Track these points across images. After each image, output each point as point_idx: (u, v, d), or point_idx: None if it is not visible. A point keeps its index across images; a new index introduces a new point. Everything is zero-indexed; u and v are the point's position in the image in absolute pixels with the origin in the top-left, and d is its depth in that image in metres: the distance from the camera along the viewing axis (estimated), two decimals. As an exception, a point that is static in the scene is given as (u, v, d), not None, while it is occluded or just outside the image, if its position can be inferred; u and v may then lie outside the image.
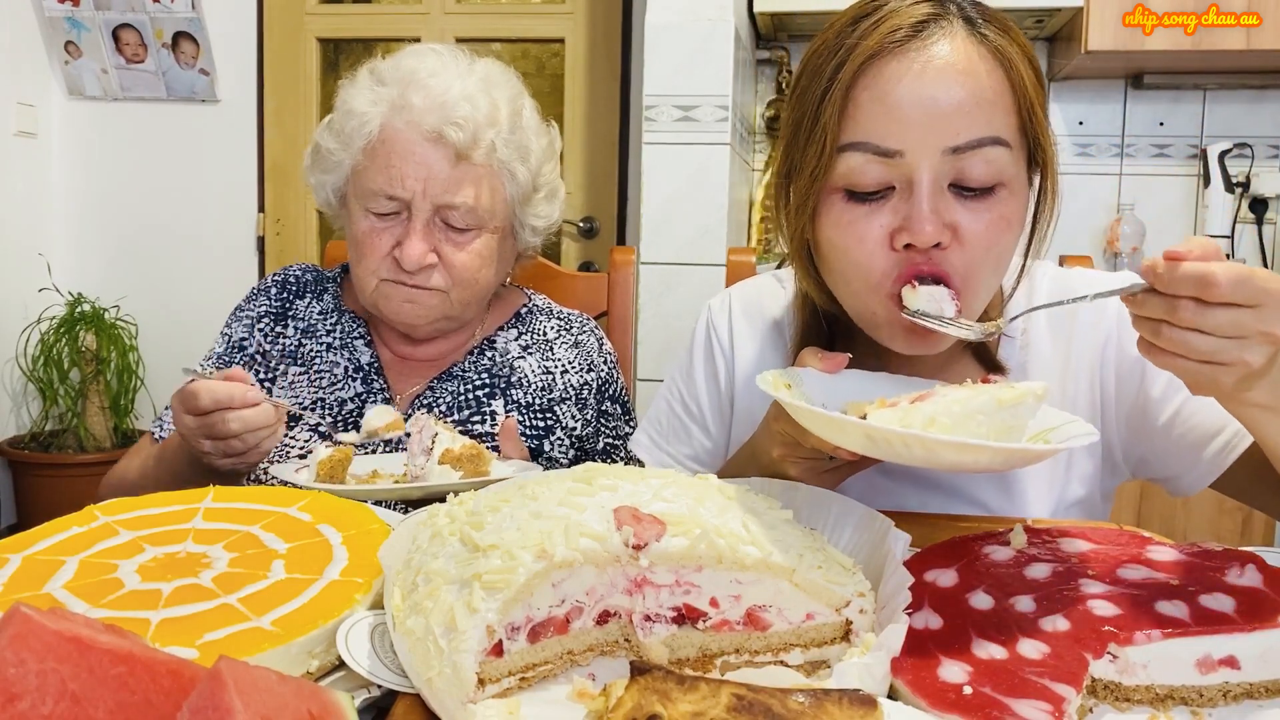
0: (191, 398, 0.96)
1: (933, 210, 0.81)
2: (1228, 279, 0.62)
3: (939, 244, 0.82)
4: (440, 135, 1.12)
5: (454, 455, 0.96)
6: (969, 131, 0.80)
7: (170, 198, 3.12)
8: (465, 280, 1.17)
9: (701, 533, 0.61)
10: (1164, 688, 0.57)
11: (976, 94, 0.81)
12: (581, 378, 1.26)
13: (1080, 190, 2.69)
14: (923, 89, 0.81)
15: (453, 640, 0.53)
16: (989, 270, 0.85)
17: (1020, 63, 0.84)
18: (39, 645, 0.42)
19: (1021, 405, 0.69)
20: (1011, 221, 0.84)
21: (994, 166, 0.81)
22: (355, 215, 1.18)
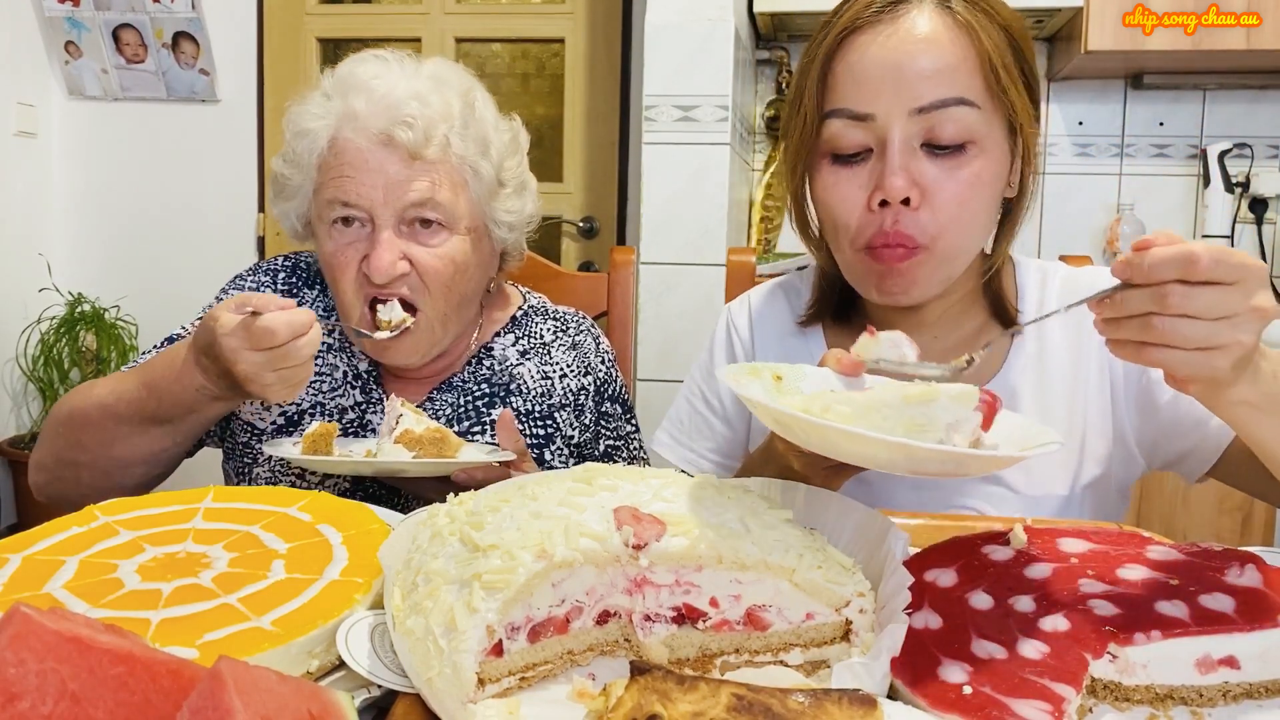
0: (267, 335, 0.90)
1: (902, 167, 0.89)
2: (1209, 255, 0.62)
3: (909, 201, 0.89)
4: (390, 137, 1.08)
5: (413, 437, 0.97)
6: (934, 93, 0.88)
7: (170, 198, 3.12)
8: (439, 288, 1.12)
9: (701, 533, 0.61)
10: (1164, 688, 0.57)
11: (939, 59, 0.89)
12: (579, 382, 1.25)
13: (1080, 190, 2.69)
14: (890, 56, 0.89)
15: (453, 640, 0.53)
16: (961, 230, 0.91)
17: (987, 31, 0.90)
18: (39, 645, 0.42)
19: (934, 403, 0.65)
20: (982, 179, 0.90)
21: (961, 125, 0.89)
22: (321, 237, 1.13)
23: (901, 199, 0.89)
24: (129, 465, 1.07)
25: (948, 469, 0.66)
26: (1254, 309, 0.64)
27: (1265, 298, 0.65)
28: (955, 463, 0.64)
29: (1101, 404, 0.99)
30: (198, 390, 0.98)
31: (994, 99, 0.90)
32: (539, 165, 1.26)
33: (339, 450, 1.04)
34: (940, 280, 0.94)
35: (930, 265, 0.92)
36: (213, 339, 0.92)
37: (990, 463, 0.67)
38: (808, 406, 0.67)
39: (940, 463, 0.64)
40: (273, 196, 1.20)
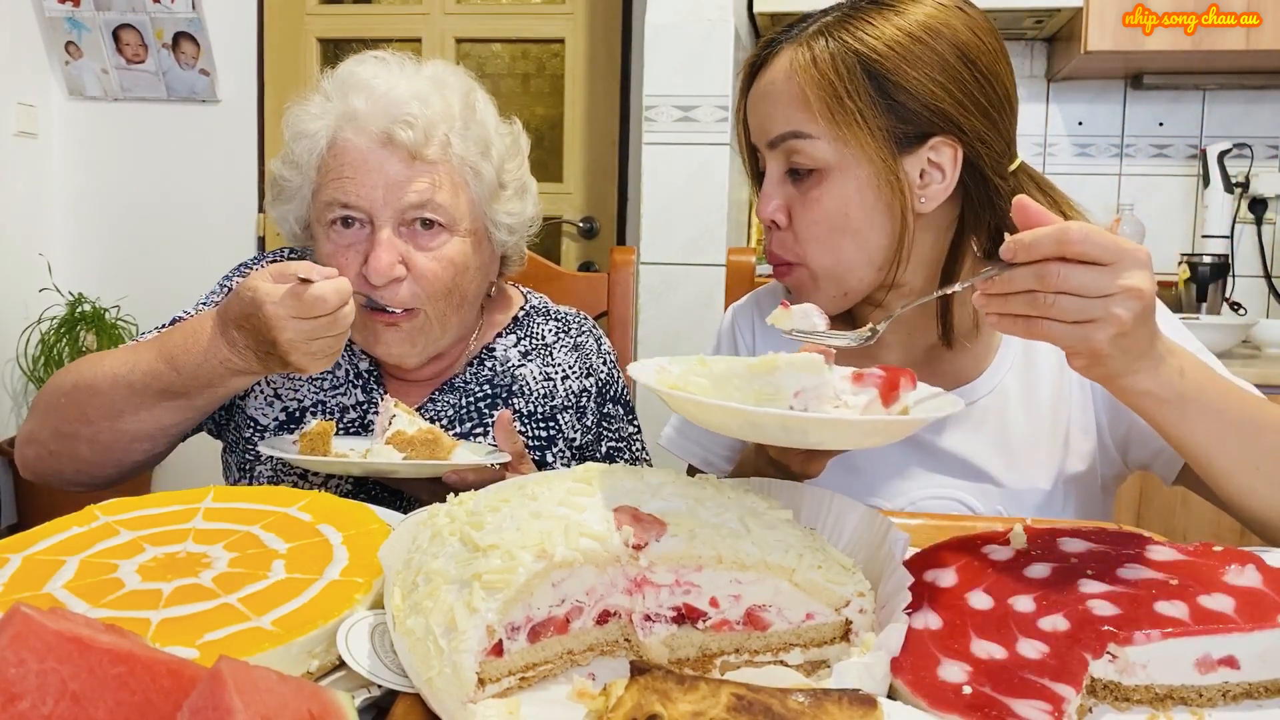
0: (319, 303, 0.89)
1: (769, 194, 1.00)
2: (1080, 232, 0.69)
3: (775, 224, 0.99)
4: (390, 137, 1.07)
5: (405, 438, 0.97)
6: (774, 129, 0.98)
7: (170, 198, 3.12)
8: (438, 292, 1.11)
9: (701, 533, 0.61)
10: (1164, 687, 0.57)
11: (776, 97, 0.98)
12: (581, 383, 1.25)
13: (1080, 190, 2.68)
14: (753, 97, 1.02)
15: (453, 640, 0.53)
16: (825, 250, 0.97)
17: (822, 66, 0.94)
18: (39, 645, 0.42)
19: (776, 372, 0.68)
20: (833, 203, 0.96)
21: (805, 154, 0.96)
22: (320, 239, 1.12)
23: (770, 222, 1.00)
24: (135, 440, 1.04)
25: (794, 436, 0.68)
26: (1128, 288, 0.70)
27: (1141, 278, 0.71)
28: (792, 427, 0.66)
29: (1084, 400, 1.01)
30: (222, 363, 0.96)
31: (837, 128, 0.94)
32: (539, 165, 1.26)
33: (336, 449, 1.04)
34: (832, 295, 1.00)
35: (811, 282, 1.00)
36: (253, 309, 0.90)
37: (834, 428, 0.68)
38: (672, 382, 0.70)
39: (782, 429, 0.67)
40: (271, 199, 1.19)
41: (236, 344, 0.95)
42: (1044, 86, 2.68)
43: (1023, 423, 1.01)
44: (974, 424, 1.01)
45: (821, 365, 0.68)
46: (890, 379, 0.71)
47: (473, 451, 1.07)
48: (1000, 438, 1.01)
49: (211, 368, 0.98)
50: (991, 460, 1.00)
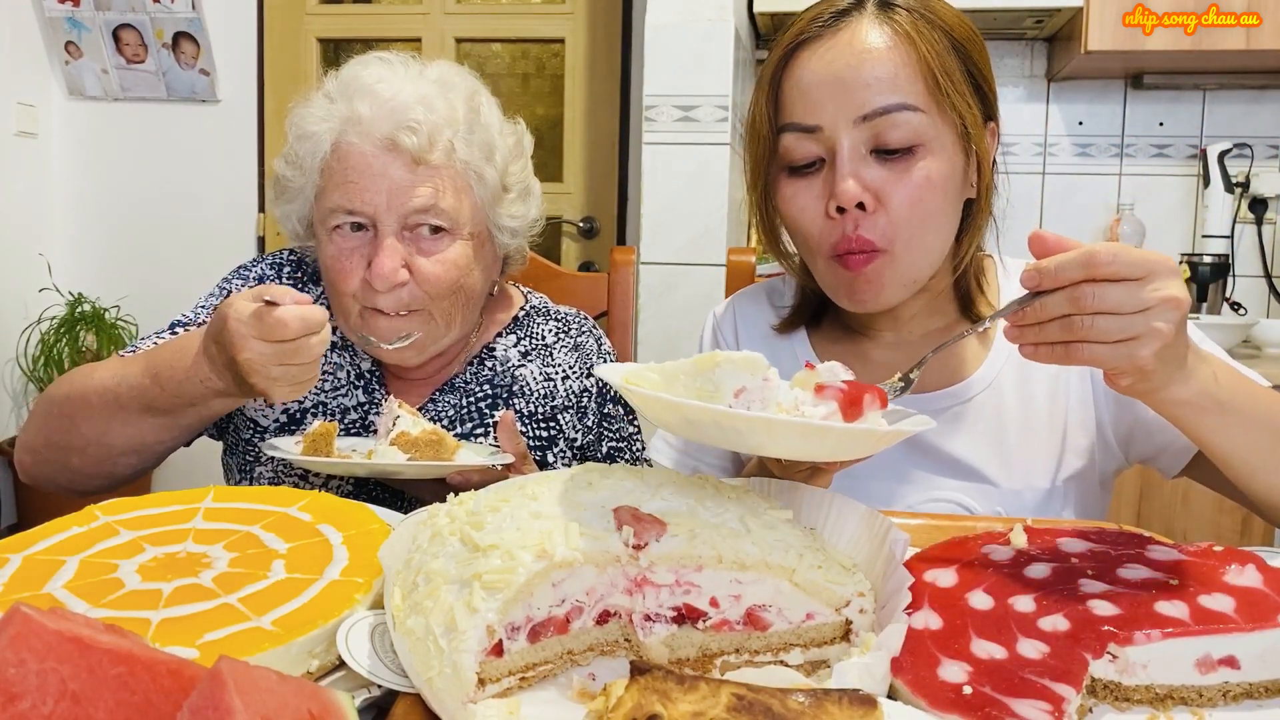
0: (279, 327, 0.87)
1: (851, 173, 0.92)
2: (1108, 252, 0.68)
3: (862, 205, 0.91)
4: (394, 142, 1.06)
5: (409, 439, 0.97)
6: (876, 101, 0.91)
7: (170, 198, 3.12)
8: (441, 293, 1.10)
9: (701, 532, 0.61)
10: (1164, 687, 0.57)
11: (879, 68, 0.91)
12: (581, 383, 1.25)
13: (1080, 190, 2.69)
14: (831, 69, 0.92)
15: (453, 640, 0.53)
16: (918, 232, 0.93)
17: (926, 38, 0.92)
18: (39, 645, 0.42)
19: (717, 369, 0.64)
20: (933, 180, 0.92)
21: (907, 129, 0.91)
22: (322, 242, 1.12)
23: (855, 204, 0.91)
24: (122, 454, 1.05)
25: (729, 436, 0.65)
26: (1165, 299, 0.69)
27: (1175, 287, 0.70)
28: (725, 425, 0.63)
29: (1083, 396, 1.00)
30: (203, 382, 0.95)
31: (939, 103, 0.92)
32: (539, 165, 1.27)
33: (339, 450, 1.04)
34: (906, 284, 0.96)
35: (894, 269, 0.94)
36: (221, 324, 0.90)
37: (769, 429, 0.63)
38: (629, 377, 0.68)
39: (714, 424, 0.63)
40: (273, 198, 1.19)
41: (215, 361, 0.93)
42: (1044, 86, 2.68)
43: (1019, 419, 1.00)
44: (969, 422, 1.01)
45: (763, 364, 0.65)
46: (852, 394, 0.66)
47: (475, 452, 1.07)
48: (996, 435, 1.00)
49: (193, 386, 0.97)
50: (988, 460, 1.00)
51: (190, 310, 1.22)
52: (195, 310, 1.22)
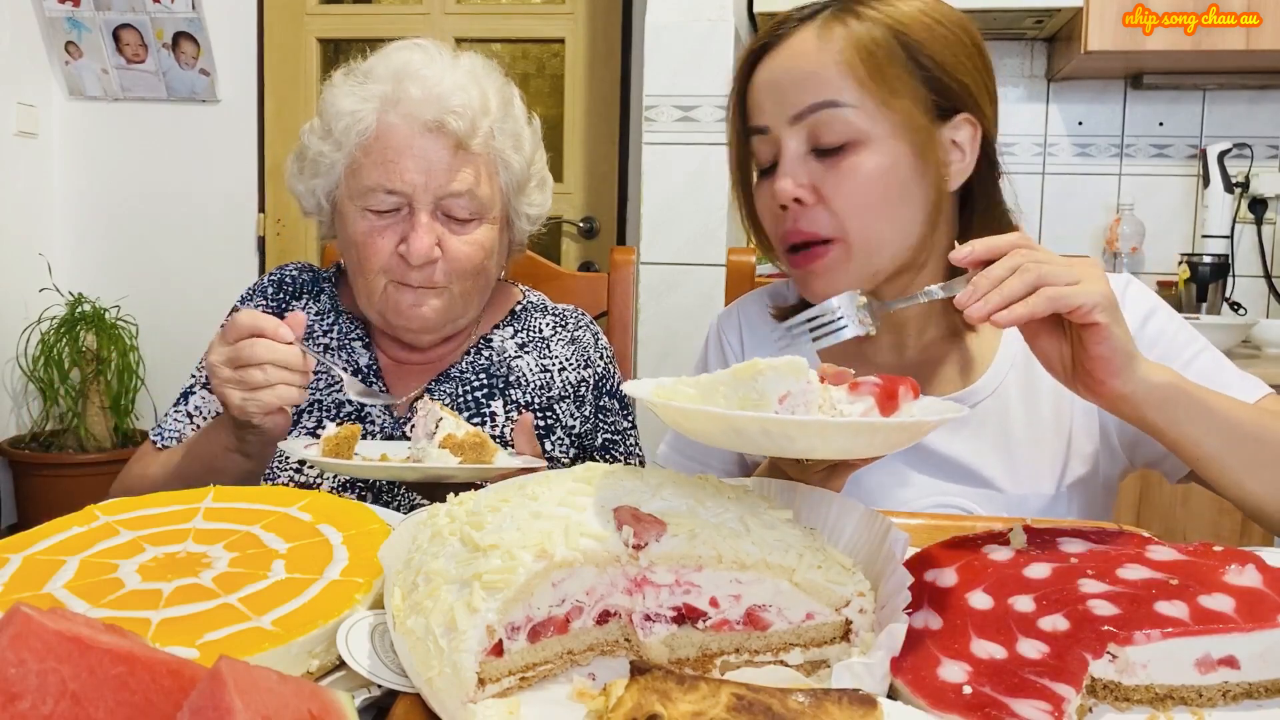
0: (233, 324, 0.95)
1: (789, 172, 0.96)
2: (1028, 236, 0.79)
3: (800, 200, 0.95)
4: (441, 125, 1.11)
5: (456, 441, 0.95)
6: (806, 99, 0.94)
7: (170, 198, 3.12)
8: (467, 272, 1.16)
9: (701, 532, 0.61)
10: (1164, 687, 0.57)
11: (805, 68, 0.95)
12: (579, 374, 1.26)
13: (1080, 190, 2.69)
14: (772, 74, 0.98)
15: (453, 640, 0.53)
16: (864, 222, 0.95)
17: (858, 35, 0.94)
18: (39, 645, 0.42)
19: (760, 376, 0.64)
20: (869, 173, 0.94)
21: (839, 125, 0.93)
22: (351, 217, 1.15)
23: (791, 199, 0.95)
24: None
25: (779, 443, 0.64)
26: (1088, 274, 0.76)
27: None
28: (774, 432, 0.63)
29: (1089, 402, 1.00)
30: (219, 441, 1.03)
31: (876, 100, 0.93)
32: (539, 165, 1.30)
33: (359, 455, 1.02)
34: (862, 274, 0.97)
35: (846, 259, 0.96)
36: None
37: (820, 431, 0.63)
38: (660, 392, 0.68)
39: (763, 432, 0.63)
40: (296, 172, 1.23)
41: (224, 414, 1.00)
42: (1044, 86, 2.68)
43: (1024, 426, 1.00)
44: (975, 428, 1.01)
45: (805, 368, 0.65)
46: (888, 387, 0.66)
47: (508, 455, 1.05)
48: (1002, 441, 1.00)
49: (211, 444, 1.04)
50: (994, 465, 1.00)
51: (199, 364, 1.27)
52: (201, 368, 1.26)
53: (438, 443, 0.95)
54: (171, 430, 1.21)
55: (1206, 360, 0.96)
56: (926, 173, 0.95)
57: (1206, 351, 0.97)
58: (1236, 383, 0.94)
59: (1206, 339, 0.99)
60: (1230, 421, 0.82)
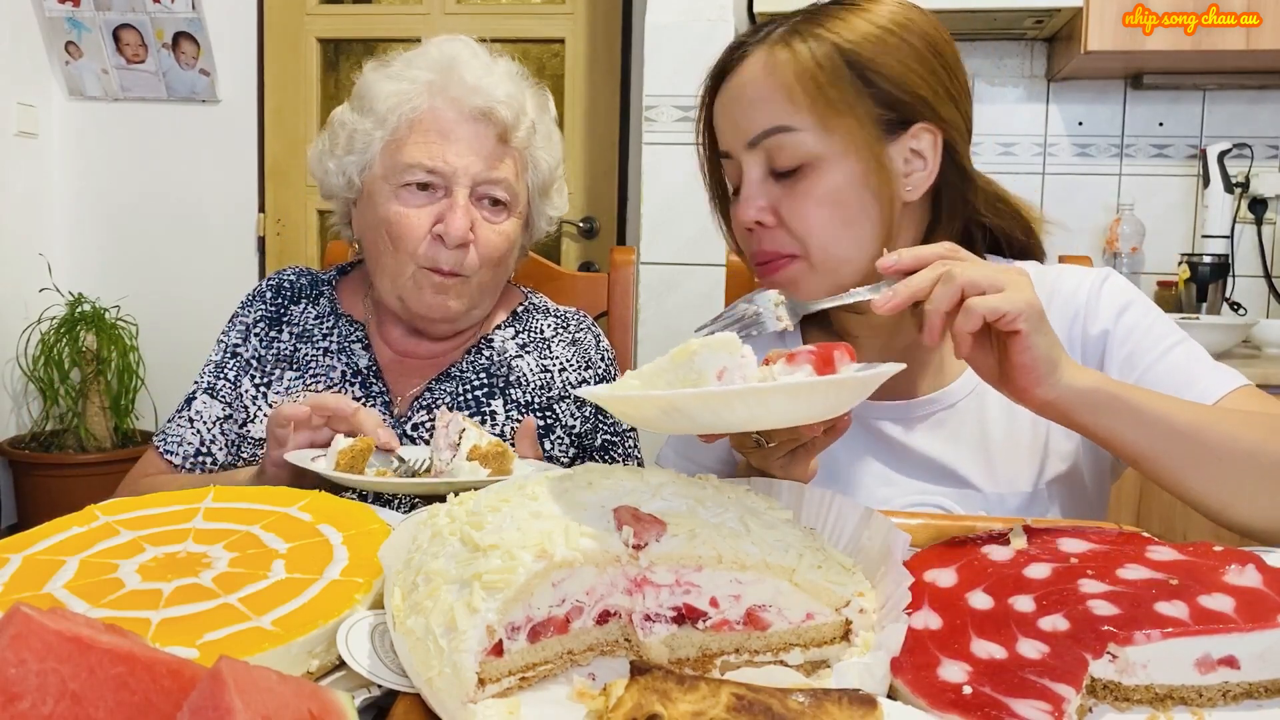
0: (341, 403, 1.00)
1: (748, 196, 0.98)
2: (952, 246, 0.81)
3: (761, 223, 0.97)
4: (489, 112, 1.15)
5: (481, 452, 0.95)
6: (755, 126, 0.96)
7: (170, 198, 3.12)
8: (494, 260, 1.19)
9: (701, 532, 0.61)
10: (1164, 687, 0.57)
11: (755, 94, 0.96)
12: (579, 375, 1.27)
13: (1080, 190, 2.69)
14: (725, 100, 1.00)
15: (453, 640, 0.53)
16: (823, 242, 0.96)
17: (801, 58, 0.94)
18: (39, 645, 0.42)
19: (696, 355, 0.65)
20: (825, 194, 0.95)
21: (791, 148, 0.95)
22: (383, 199, 1.17)
23: (753, 223, 0.97)
24: None
25: (721, 415, 0.65)
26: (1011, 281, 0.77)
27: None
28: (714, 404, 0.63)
29: None
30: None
31: (824, 119, 0.94)
32: (539, 165, 1.32)
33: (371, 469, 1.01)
34: (828, 285, 0.97)
35: (809, 273, 0.97)
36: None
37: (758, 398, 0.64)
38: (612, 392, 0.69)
39: (703, 406, 0.64)
40: (327, 150, 1.23)
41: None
42: (1044, 86, 2.68)
43: (1001, 425, 1.01)
44: (953, 427, 1.01)
45: (737, 343, 0.66)
46: (823, 354, 0.68)
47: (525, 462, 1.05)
48: (980, 441, 1.00)
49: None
50: (971, 465, 1.00)
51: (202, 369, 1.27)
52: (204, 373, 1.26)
53: (465, 454, 0.95)
54: (174, 436, 1.22)
55: (1180, 354, 0.96)
56: (881, 188, 0.95)
57: (1182, 345, 0.96)
58: (1207, 375, 0.94)
59: (1198, 342, 0.98)
60: (1165, 421, 0.82)
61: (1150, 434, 0.82)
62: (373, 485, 0.94)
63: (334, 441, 0.98)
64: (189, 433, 1.21)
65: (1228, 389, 0.93)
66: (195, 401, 1.24)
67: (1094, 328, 0.99)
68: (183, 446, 1.20)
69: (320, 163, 1.24)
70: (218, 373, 1.24)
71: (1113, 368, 0.97)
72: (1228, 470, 0.83)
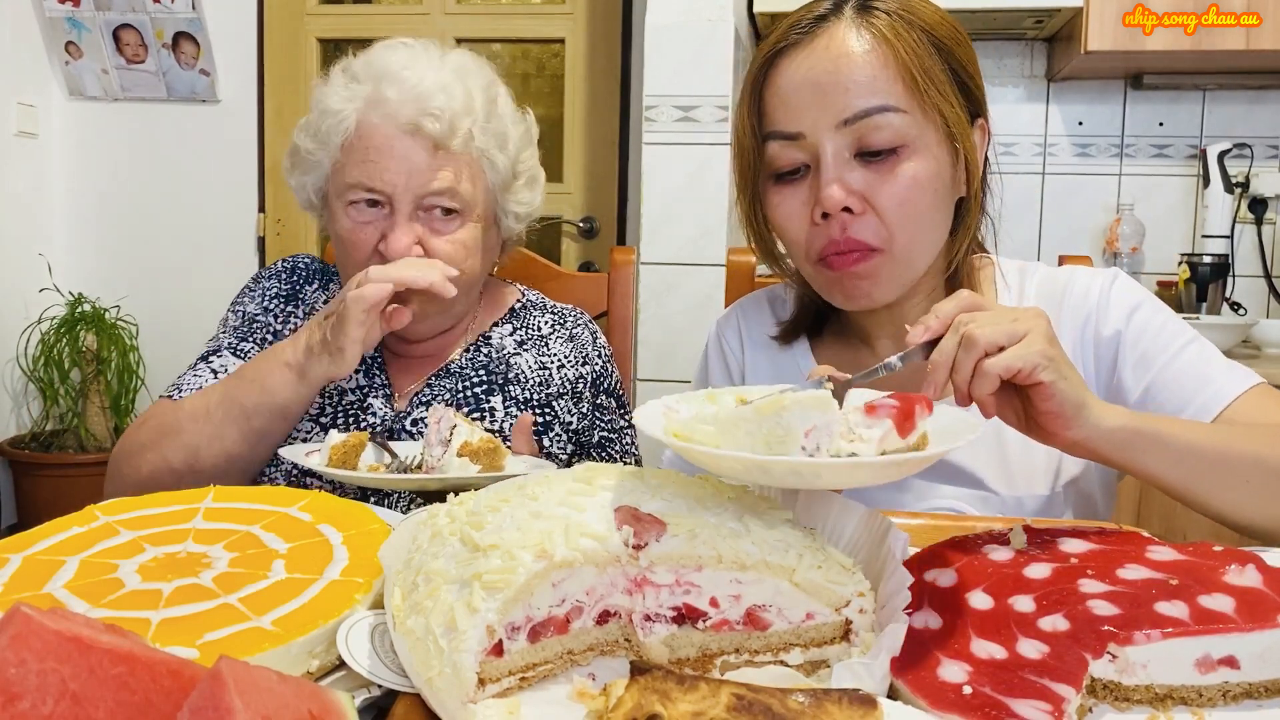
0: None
1: (835, 179, 0.91)
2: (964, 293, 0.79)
3: (849, 209, 0.91)
4: (418, 127, 1.11)
5: (472, 448, 0.95)
6: (857, 104, 0.90)
7: (170, 198, 3.12)
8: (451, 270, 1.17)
9: (701, 532, 0.61)
10: (1164, 687, 0.57)
11: (859, 71, 0.91)
12: (576, 371, 1.27)
13: (1079, 190, 2.69)
14: (810, 75, 0.92)
15: (453, 640, 0.53)
16: (910, 232, 0.93)
17: (905, 40, 0.92)
18: (39, 645, 0.42)
19: (786, 412, 0.63)
20: (920, 180, 0.92)
21: (889, 130, 0.90)
22: (337, 214, 1.17)
23: (841, 208, 0.91)
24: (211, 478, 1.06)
25: (807, 480, 0.65)
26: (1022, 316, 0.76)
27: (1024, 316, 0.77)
28: (804, 472, 0.63)
29: None
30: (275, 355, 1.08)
31: (921, 104, 0.92)
32: (539, 165, 1.31)
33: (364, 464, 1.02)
34: (901, 282, 0.96)
35: (889, 267, 0.94)
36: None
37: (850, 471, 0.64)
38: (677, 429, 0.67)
39: (794, 475, 0.64)
40: (289, 167, 1.24)
41: (298, 335, 1.07)
42: (1044, 86, 2.68)
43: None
44: None
45: (830, 401, 0.64)
46: (905, 408, 0.66)
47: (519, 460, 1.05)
48: (995, 444, 1.00)
49: (268, 361, 1.07)
50: (988, 468, 1.00)
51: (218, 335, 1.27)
52: (224, 335, 1.26)
53: (455, 451, 0.95)
54: (192, 385, 1.18)
55: (1192, 353, 0.95)
56: (957, 178, 0.95)
57: (1194, 344, 0.96)
58: (1221, 375, 0.93)
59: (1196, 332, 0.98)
60: (1192, 451, 0.81)
61: (1178, 464, 0.81)
62: (365, 481, 0.95)
63: (328, 437, 0.99)
64: (210, 381, 1.18)
65: (1242, 389, 0.92)
66: (220, 356, 1.22)
67: (1106, 330, 0.98)
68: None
69: (287, 179, 1.25)
70: (242, 335, 1.24)
71: (1126, 369, 0.97)
72: (1255, 489, 0.83)
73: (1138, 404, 0.96)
